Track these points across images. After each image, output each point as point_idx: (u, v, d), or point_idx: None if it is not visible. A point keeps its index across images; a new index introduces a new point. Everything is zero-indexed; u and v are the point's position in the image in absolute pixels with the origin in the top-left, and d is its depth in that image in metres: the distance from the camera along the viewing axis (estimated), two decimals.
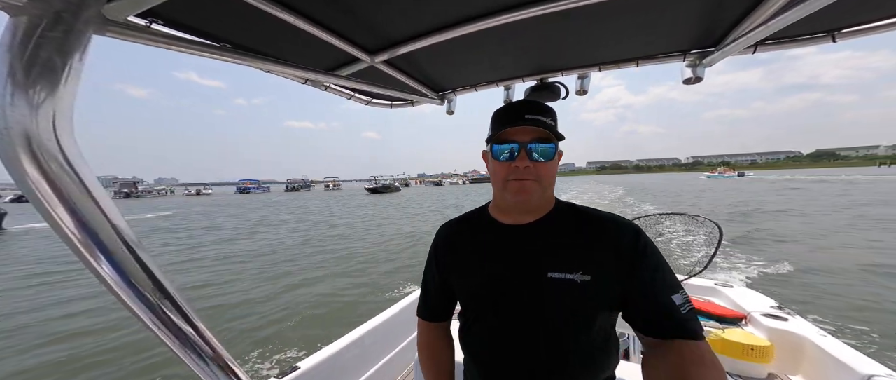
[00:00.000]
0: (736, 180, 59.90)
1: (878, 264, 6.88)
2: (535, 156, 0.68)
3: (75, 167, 0.36)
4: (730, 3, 0.88)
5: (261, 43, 0.97)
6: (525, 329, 0.70)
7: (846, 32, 0.98)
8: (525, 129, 0.68)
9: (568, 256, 0.68)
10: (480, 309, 0.76)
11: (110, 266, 0.39)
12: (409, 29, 0.96)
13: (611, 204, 21.25)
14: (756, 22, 0.89)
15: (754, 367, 1.65)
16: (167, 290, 0.43)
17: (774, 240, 9.59)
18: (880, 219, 12.92)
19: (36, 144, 0.33)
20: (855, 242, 9.20)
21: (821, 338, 1.66)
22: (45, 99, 0.34)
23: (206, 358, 0.47)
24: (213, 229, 17.01)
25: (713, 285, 2.43)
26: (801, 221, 13.02)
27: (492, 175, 0.75)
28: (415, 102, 1.67)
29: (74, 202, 0.36)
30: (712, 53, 1.10)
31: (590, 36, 1.06)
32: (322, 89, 1.34)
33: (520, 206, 0.73)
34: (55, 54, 0.34)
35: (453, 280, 0.81)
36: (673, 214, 2.52)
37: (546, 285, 0.67)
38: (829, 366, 1.54)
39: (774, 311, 1.98)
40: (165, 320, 0.43)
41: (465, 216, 0.86)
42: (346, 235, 13.78)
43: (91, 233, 0.37)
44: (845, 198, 22.19)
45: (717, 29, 1.02)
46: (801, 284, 5.98)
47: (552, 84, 1.40)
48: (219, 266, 8.89)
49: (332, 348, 1.66)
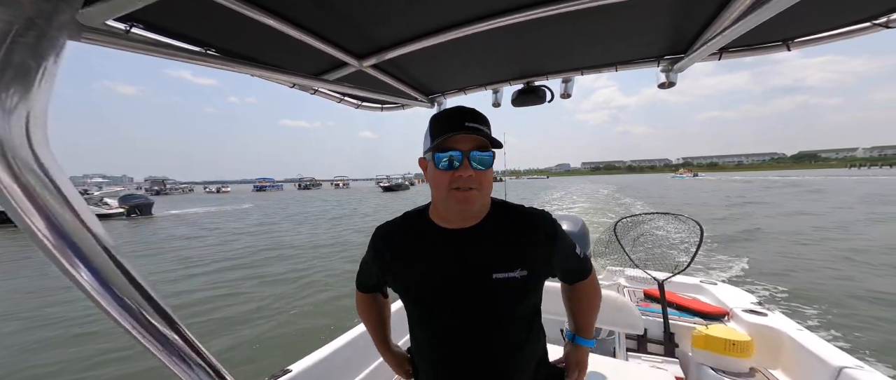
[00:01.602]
0: (690, 180, 78.53)
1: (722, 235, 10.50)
2: (475, 164, 0.70)
3: (49, 172, 0.35)
4: (694, 13, 0.97)
5: (246, 48, 0.98)
6: (476, 326, 0.76)
7: (799, 41, 1.07)
8: (465, 137, 0.69)
9: (507, 256, 0.75)
10: (431, 310, 0.79)
11: (88, 272, 0.38)
12: (397, 34, 0.99)
13: (605, 199, 25.42)
14: (717, 30, 0.98)
15: (736, 361, 1.69)
16: (148, 293, 0.42)
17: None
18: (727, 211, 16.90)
19: (7, 149, 0.32)
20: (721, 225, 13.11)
21: (797, 332, 1.72)
22: (18, 103, 0.33)
23: (190, 363, 0.46)
24: (316, 214, 21.76)
25: (698, 283, 2.51)
26: (689, 205, 18.06)
27: (432, 183, 0.75)
28: (405, 105, 1.72)
29: (49, 208, 0.35)
30: (682, 59, 1.20)
31: (572, 41, 1.13)
32: (311, 93, 1.35)
33: (463, 214, 0.76)
34: (29, 58, 0.33)
35: (395, 282, 0.84)
36: (660, 214, 2.56)
37: (492, 285, 0.73)
38: (805, 359, 1.60)
39: (755, 307, 2.04)
40: (146, 325, 0.42)
41: (404, 220, 0.86)
42: None
43: (66, 238, 0.36)
44: (739, 195, 27.50)
45: (684, 37, 1.12)
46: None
47: (538, 87, 1.48)
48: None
49: (324, 350, 1.62)
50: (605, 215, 15.20)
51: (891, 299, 5.19)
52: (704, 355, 1.73)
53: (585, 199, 26.04)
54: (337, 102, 1.56)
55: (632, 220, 2.60)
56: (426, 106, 1.76)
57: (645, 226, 2.63)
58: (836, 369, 1.42)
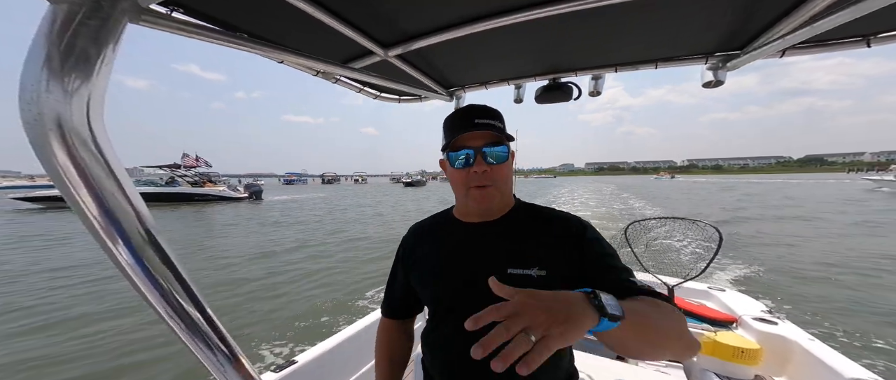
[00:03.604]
0: (668, 181, 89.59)
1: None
2: (489, 159, 0.70)
3: (105, 154, 0.37)
4: (762, 8, 0.88)
5: (277, 33, 0.98)
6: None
7: (883, 37, 0.96)
8: (476, 134, 0.70)
9: (526, 252, 0.72)
10: (447, 309, 0.78)
11: (128, 251, 0.39)
12: (426, 24, 0.96)
13: (609, 195, 29.40)
14: (788, 28, 0.88)
15: (742, 369, 1.66)
16: (183, 277, 0.43)
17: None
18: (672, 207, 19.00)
19: (68, 131, 0.34)
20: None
21: (809, 342, 1.67)
22: (80, 87, 0.34)
23: (213, 348, 0.47)
24: (381, 199, 27.70)
25: (706, 289, 2.45)
26: (644, 201, 21.95)
27: (452, 182, 0.76)
28: (423, 97, 1.68)
29: (101, 188, 0.36)
30: (738, 57, 1.10)
31: (608, 36, 1.06)
32: (333, 82, 1.33)
33: (482, 211, 0.78)
34: (91, 42, 0.34)
35: (417, 281, 0.83)
36: (673, 219, 2.45)
37: (506, 281, 0.64)
38: (815, 369, 1.55)
39: (765, 315, 2.00)
40: (177, 309, 0.43)
41: (434, 218, 0.89)
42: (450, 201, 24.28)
43: (114, 219, 0.38)
44: (688, 189, 32.96)
45: (744, 33, 1.02)
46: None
47: (565, 84, 1.41)
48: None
49: (330, 342, 1.62)
50: (610, 214, 16.35)
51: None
52: (710, 362, 1.70)
53: (592, 194, 30.39)
54: (356, 92, 1.54)
55: (642, 225, 2.45)
56: (445, 99, 1.71)
57: (656, 230, 2.50)
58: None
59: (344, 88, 1.47)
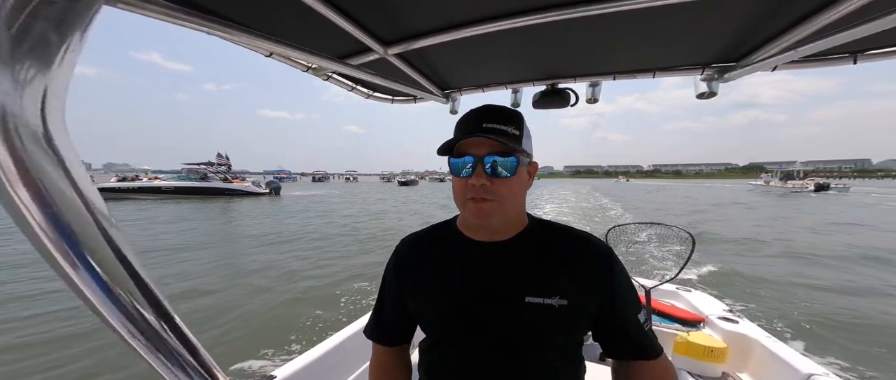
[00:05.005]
0: (624, 184, 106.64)
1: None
2: (492, 171, 0.62)
3: (62, 156, 0.30)
4: (762, 24, 0.89)
5: (269, 23, 0.91)
6: (499, 356, 0.66)
7: (869, 54, 1.00)
8: (481, 140, 0.62)
9: (545, 279, 0.65)
10: (450, 335, 0.70)
11: (88, 271, 0.30)
12: (429, 23, 0.93)
13: (586, 193, 39.56)
14: (785, 44, 0.90)
15: (711, 367, 1.76)
16: (151, 291, 0.35)
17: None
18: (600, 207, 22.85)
19: (14, 128, 0.27)
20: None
21: (766, 339, 1.79)
22: (35, 77, 0.28)
23: (188, 368, 0.38)
24: (391, 195, 34.06)
25: (675, 290, 2.60)
26: (608, 199, 29.80)
27: (452, 190, 0.68)
28: (418, 98, 1.62)
29: (58, 194, 0.29)
30: (733, 69, 1.12)
31: (608, 44, 1.05)
32: (324, 79, 1.28)
33: (483, 227, 0.69)
34: (53, 26, 0.27)
35: (414, 302, 0.74)
36: (650, 224, 2.51)
37: (524, 310, 0.64)
38: (775, 366, 1.65)
39: (726, 314, 2.13)
40: (144, 328, 0.34)
41: (429, 231, 0.80)
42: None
43: (67, 228, 0.30)
44: (626, 190, 46.82)
45: (743, 46, 1.02)
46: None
47: (562, 90, 1.39)
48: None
49: (310, 354, 1.54)
50: (587, 207, 21.42)
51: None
52: (683, 361, 1.81)
53: (570, 193, 38.54)
54: (348, 90, 1.46)
55: (622, 229, 2.50)
56: (440, 101, 1.66)
57: (634, 235, 2.55)
58: (805, 376, 1.45)
59: (325, 84, 1.66)
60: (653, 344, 0.69)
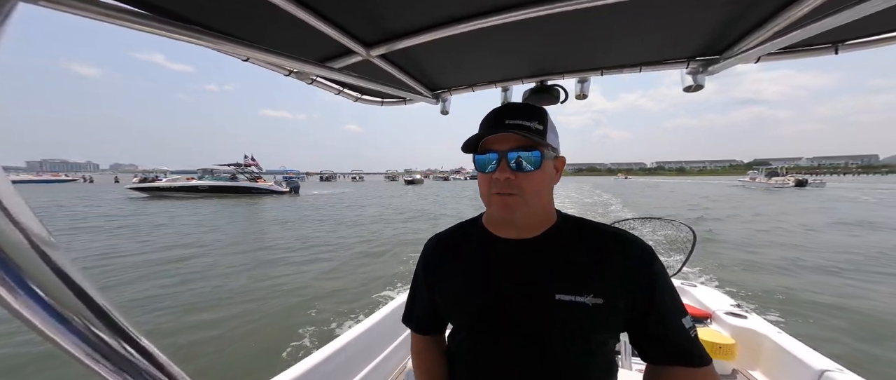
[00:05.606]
0: (623, 181, 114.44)
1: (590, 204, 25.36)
2: (516, 165, 0.63)
3: None
4: (741, 16, 0.89)
5: (241, 26, 0.88)
6: (529, 356, 0.65)
7: (850, 44, 1.00)
8: (505, 136, 0.64)
9: (577, 276, 0.64)
10: (477, 333, 0.70)
11: (28, 295, 0.25)
12: (412, 22, 0.92)
13: (589, 189, 42.92)
14: (766, 35, 0.90)
15: (721, 364, 1.71)
16: (102, 308, 0.29)
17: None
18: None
19: None
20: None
21: (777, 335, 1.73)
22: None
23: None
24: (406, 193, 37.75)
25: (680, 285, 2.45)
26: (609, 194, 32.85)
27: (479, 187, 0.70)
28: (408, 100, 1.61)
29: None
30: (718, 62, 1.13)
31: (594, 39, 1.05)
32: (308, 83, 1.25)
33: (508, 222, 0.70)
34: None
35: (443, 300, 0.75)
36: (652, 219, 2.48)
37: (554, 309, 0.63)
38: (786, 362, 1.60)
39: (734, 309, 2.05)
40: (102, 348, 0.29)
41: (456, 229, 0.81)
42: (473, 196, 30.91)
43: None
44: (623, 185, 53.17)
45: (725, 38, 1.03)
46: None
47: (551, 87, 1.40)
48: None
49: (314, 358, 1.54)
50: (591, 201, 22.99)
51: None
52: None
53: (574, 190, 39.64)
54: (335, 94, 1.43)
55: (624, 224, 2.49)
56: (430, 102, 1.63)
57: (637, 230, 2.52)
58: (818, 373, 1.41)
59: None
60: (700, 352, 0.63)
